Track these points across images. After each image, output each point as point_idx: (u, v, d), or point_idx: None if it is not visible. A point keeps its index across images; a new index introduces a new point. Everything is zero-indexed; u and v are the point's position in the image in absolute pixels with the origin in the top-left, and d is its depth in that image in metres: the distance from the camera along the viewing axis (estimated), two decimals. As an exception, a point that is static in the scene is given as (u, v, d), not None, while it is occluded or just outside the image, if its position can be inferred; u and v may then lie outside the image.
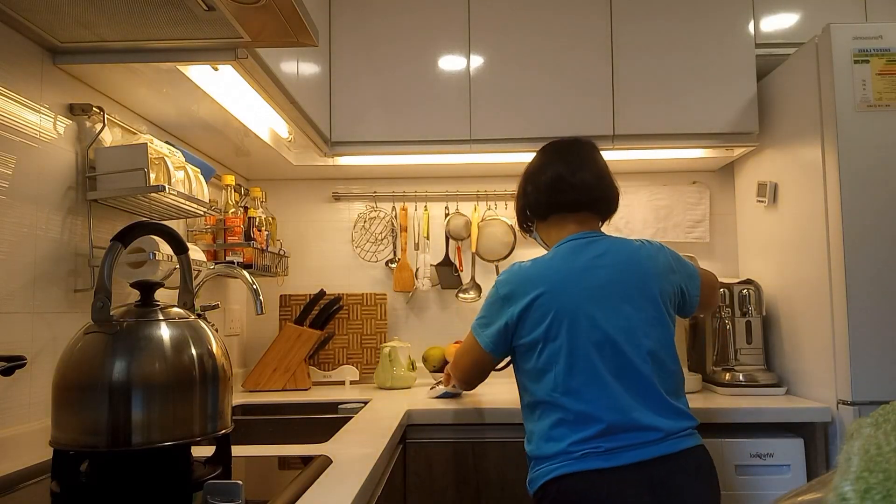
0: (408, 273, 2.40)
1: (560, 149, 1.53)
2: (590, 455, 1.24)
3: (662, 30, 2.10)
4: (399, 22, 2.13)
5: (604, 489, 1.22)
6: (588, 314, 1.30)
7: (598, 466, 1.23)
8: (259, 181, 2.46)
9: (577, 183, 1.45)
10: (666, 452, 1.25)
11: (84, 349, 0.92)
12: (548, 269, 1.36)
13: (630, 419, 1.25)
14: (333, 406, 1.87)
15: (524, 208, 1.54)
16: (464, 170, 2.37)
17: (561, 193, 1.45)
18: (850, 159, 1.68)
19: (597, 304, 1.31)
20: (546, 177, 1.47)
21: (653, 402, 1.28)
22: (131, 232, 0.98)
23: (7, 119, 1.18)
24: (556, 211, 1.47)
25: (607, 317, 1.30)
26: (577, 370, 1.29)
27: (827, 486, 0.36)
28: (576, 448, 1.26)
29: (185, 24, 1.16)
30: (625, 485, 1.22)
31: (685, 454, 1.27)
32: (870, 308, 1.64)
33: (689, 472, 1.26)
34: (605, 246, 1.39)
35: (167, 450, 0.92)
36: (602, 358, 1.28)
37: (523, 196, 1.54)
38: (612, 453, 1.24)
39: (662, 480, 1.23)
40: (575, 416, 1.28)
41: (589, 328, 1.29)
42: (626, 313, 1.31)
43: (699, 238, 2.37)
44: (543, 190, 1.47)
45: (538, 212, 1.50)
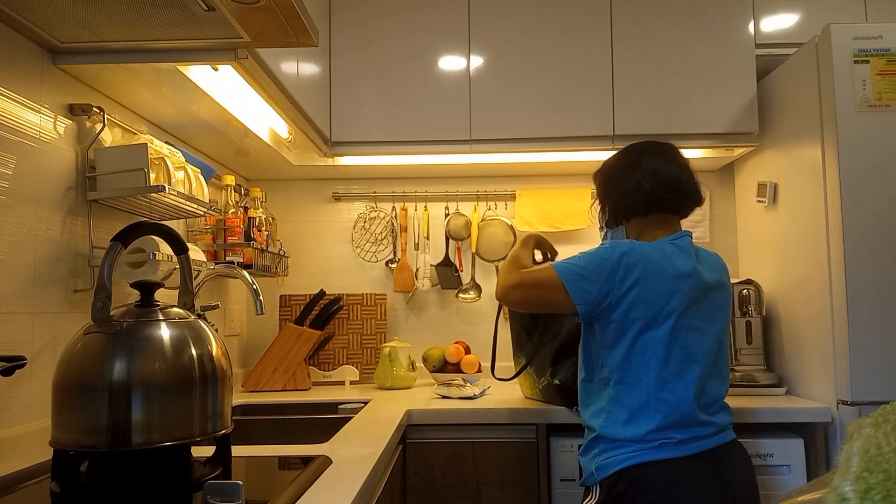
0: (408, 273, 2.41)
1: (669, 151, 1.51)
2: (664, 445, 1.32)
3: (662, 30, 2.10)
4: (399, 22, 2.13)
5: (678, 478, 1.30)
6: (694, 315, 1.38)
7: (671, 456, 1.31)
8: (259, 181, 2.46)
9: (692, 188, 1.49)
10: (718, 444, 1.35)
11: (84, 349, 0.92)
12: (671, 260, 1.37)
13: (696, 416, 1.35)
14: (333, 406, 1.86)
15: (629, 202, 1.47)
16: (464, 170, 2.37)
17: (680, 192, 1.46)
18: (850, 159, 1.68)
19: (702, 307, 1.39)
20: (665, 175, 1.45)
21: (713, 402, 1.39)
22: (131, 232, 0.98)
23: (7, 119, 1.18)
24: (664, 210, 1.46)
25: (706, 321, 1.39)
26: (672, 363, 1.35)
27: (827, 486, 0.36)
28: (653, 437, 1.32)
29: (185, 24, 1.16)
30: (695, 473, 1.31)
31: (731, 446, 1.39)
32: (870, 308, 1.64)
33: (739, 462, 1.37)
34: (703, 252, 1.48)
35: (167, 450, 0.92)
36: (693, 358, 1.36)
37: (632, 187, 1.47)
38: (683, 444, 1.33)
39: (721, 470, 1.33)
40: (657, 404, 1.34)
41: (692, 328, 1.37)
42: (716, 321, 1.42)
43: (699, 238, 2.37)
44: (667, 185, 1.45)
45: (645, 208, 1.46)
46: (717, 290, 1.43)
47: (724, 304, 1.45)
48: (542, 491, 1.68)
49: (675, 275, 1.36)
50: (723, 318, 1.44)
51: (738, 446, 1.41)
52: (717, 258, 1.50)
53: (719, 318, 1.43)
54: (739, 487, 1.33)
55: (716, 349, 1.41)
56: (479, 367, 2.24)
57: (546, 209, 2.37)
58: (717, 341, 1.41)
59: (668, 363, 1.35)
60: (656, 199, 1.45)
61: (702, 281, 1.39)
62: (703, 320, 1.39)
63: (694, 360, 1.36)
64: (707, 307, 1.40)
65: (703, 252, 1.49)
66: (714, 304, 1.42)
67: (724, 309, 1.45)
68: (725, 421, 1.40)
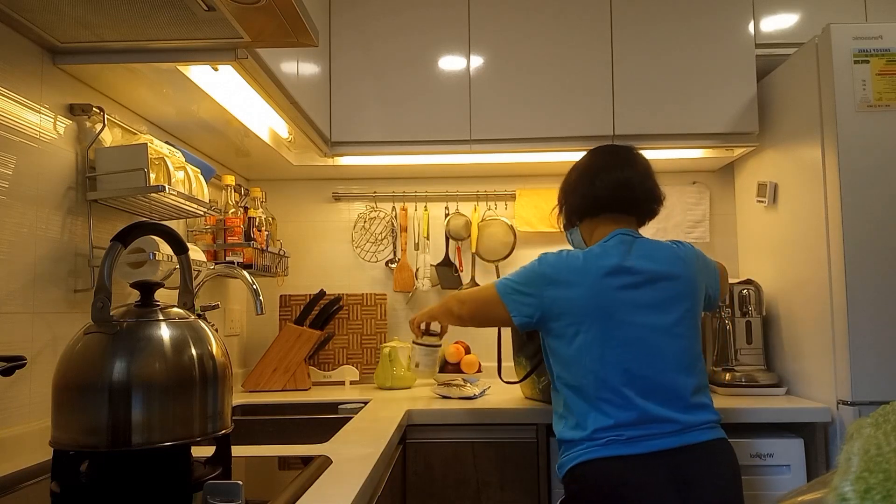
0: (408, 273, 2.41)
1: (621, 152, 1.56)
2: (612, 442, 1.32)
3: (662, 30, 2.10)
4: (399, 22, 2.13)
5: (626, 474, 1.29)
6: (628, 310, 1.38)
7: (619, 453, 1.31)
8: (259, 181, 2.46)
9: (644, 188, 1.51)
10: (684, 443, 1.32)
11: (84, 349, 0.92)
12: (595, 261, 1.41)
13: (651, 412, 1.33)
14: (333, 406, 1.86)
15: (583, 202, 1.54)
16: (464, 170, 2.37)
17: (629, 192, 1.50)
18: (850, 159, 1.68)
19: (634, 301, 1.38)
20: (620, 175, 1.50)
21: (674, 398, 1.36)
22: (131, 232, 0.98)
23: (7, 119, 1.18)
24: (612, 211, 1.51)
25: (646, 315, 1.38)
26: (608, 362, 1.36)
27: (827, 486, 0.36)
28: (600, 435, 1.33)
29: (185, 24, 1.16)
30: (646, 471, 1.29)
31: (704, 446, 1.34)
32: (870, 308, 1.64)
33: (708, 464, 1.32)
34: (647, 246, 1.46)
35: (167, 450, 0.92)
36: (631, 354, 1.36)
37: (586, 189, 1.53)
38: (633, 441, 1.31)
39: (681, 470, 1.30)
40: (601, 404, 1.35)
41: (627, 324, 1.37)
42: (664, 313, 1.39)
43: (699, 238, 2.37)
44: (614, 186, 1.50)
45: (594, 209, 1.52)
46: (664, 281, 1.40)
47: (677, 295, 1.41)
48: (542, 491, 1.68)
49: (600, 275, 1.39)
50: (676, 310, 1.40)
51: (714, 448, 1.35)
52: (669, 250, 1.46)
53: (669, 310, 1.39)
54: (705, 490, 1.28)
55: (669, 342, 1.37)
56: (479, 367, 2.23)
57: (546, 209, 2.37)
58: (670, 333, 1.38)
59: (605, 363, 1.35)
60: (604, 200, 1.50)
61: (633, 276, 1.39)
62: (642, 314, 1.37)
63: (635, 356, 1.35)
64: (646, 301, 1.38)
65: (649, 246, 1.45)
66: (661, 297, 1.39)
67: (679, 300, 1.41)
68: (698, 419, 1.35)
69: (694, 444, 1.33)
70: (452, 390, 1.90)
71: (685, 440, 1.32)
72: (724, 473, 1.33)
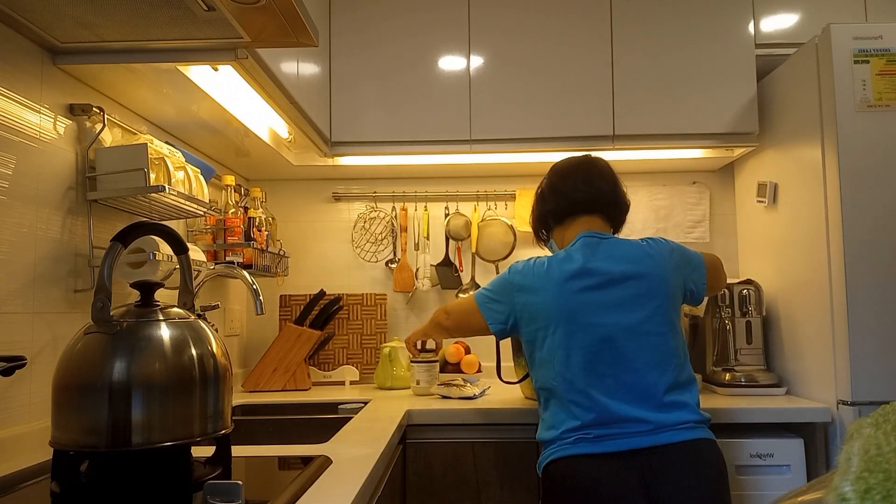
0: (408, 273, 2.41)
1: (575, 162, 1.62)
2: (581, 441, 1.35)
3: (662, 30, 2.10)
4: (399, 22, 2.13)
5: (594, 472, 1.31)
6: (591, 311, 1.40)
7: (588, 451, 1.33)
8: (259, 181, 2.46)
9: (594, 189, 1.54)
10: (656, 443, 1.32)
11: (84, 349, 0.92)
12: (559, 266, 1.45)
13: (620, 411, 1.34)
14: (333, 406, 1.86)
15: (542, 215, 1.61)
16: (464, 170, 2.37)
17: (579, 194, 1.54)
18: (850, 159, 1.68)
19: (601, 301, 1.40)
20: (565, 185, 1.56)
21: (645, 397, 1.35)
22: (131, 232, 0.98)
23: (7, 119, 1.18)
24: (573, 213, 1.55)
25: (610, 315, 1.39)
26: (573, 364, 1.38)
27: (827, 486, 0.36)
28: (569, 434, 1.36)
29: (185, 24, 1.16)
30: (614, 470, 1.30)
31: (678, 446, 1.32)
32: (870, 308, 1.64)
33: (680, 464, 1.30)
34: (613, 245, 1.47)
35: (167, 450, 0.92)
36: (599, 354, 1.37)
37: (541, 204, 1.61)
38: (600, 440, 1.33)
39: (652, 470, 1.30)
40: (570, 406, 1.38)
41: (591, 325, 1.39)
42: (630, 312, 1.39)
43: (699, 238, 2.37)
44: (562, 195, 1.56)
45: (555, 216, 1.58)
46: (630, 280, 1.41)
47: (645, 293, 1.40)
48: (542, 491, 1.68)
49: (562, 279, 1.42)
50: (644, 307, 1.39)
51: (690, 447, 1.32)
52: (637, 249, 1.46)
53: (636, 308, 1.39)
54: (677, 492, 1.27)
55: (639, 340, 1.37)
56: (479, 368, 2.23)
57: (546, 209, 2.37)
58: (639, 332, 1.37)
59: (570, 365, 1.37)
60: (560, 207, 1.56)
61: (595, 277, 1.41)
62: (607, 315, 1.38)
63: (601, 357, 1.36)
64: (611, 301, 1.39)
65: (616, 245, 1.46)
66: (627, 296, 1.40)
67: (647, 298, 1.40)
68: (672, 419, 1.33)
69: (667, 445, 1.31)
70: (452, 390, 1.90)
71: (657, 440, 1.31)
72: (698, 474, 1.30)
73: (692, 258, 1.54)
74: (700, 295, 1.55)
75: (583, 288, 1.41)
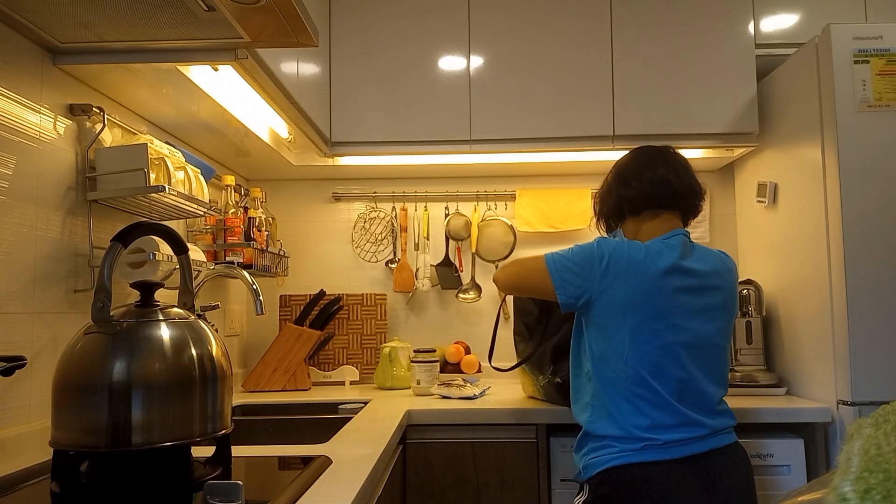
0: (408, 273, 2.40)
1: (662, 152, 1.54)
2: (649, 447, 1.32)
3: (662, 30, 2.10)
4: (399, 22, 2.13)
5: (660, 479, 1.30)
6: (680, 313, 1.37)
7: (656, 458, 1.31)
8: (259, 181, 2.46)
9: (683, 183, 1.49)
10: (711, 448, 1.34)
11: (84, 349, 0.92)
12: (657, 257, 1.38)
13: (685, 415, 1.34)
14: (333, 406, 1.86)
15: (622, 201, 1.51)
16: (464, 170, 2.37)
17: (667, 188, 1.48)
18: (850, 159, 1.68)
19: (686, 305, 1.38)
20: (655, 174, 1.49)
21: (704, 403, 1.37)
22: (131, 232, 0.98)
23: (7, 119, 1.18)
24: (656, 206, 1.49)
25: (694, 320, 1.38)
26: (647, 361, 1.35)
27: (827, 486, 0.36)
28: (637, 434, 1.33)
29: (185, 24, 1.16)
30: (677, 476, 1.31)
31: (727, 450, 1.37)
32: (870, 308, 1.64)
33: (731, 466, 1.35)
34: (701, 250, 1.45)
35: (167, 450, 0.92)
36: (675, 356, 1.36)
37: (622, 189, 1.51)
38: (669, 446, 1.32)
39: (710, 474, 1.32)
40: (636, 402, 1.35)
41: (676, 327, 1.36)
42: (710, 321, 1.39)
43: (699, 238, 2.37)
44: (649, 183, 1.48)
45: (637, 205, 1.50)
46: (715, 289, 1.40)
47: (721, 305, 1.41)
48: (542, 491, 1.68)
49: (658, 273, 1.36)
50: (719, 319, 1.41)
51: (735, 451, 1.38)
52: (720, 259, 1.46)
53: (714, 319, 1.39)
54: (731, 494, 1.32)
55: (708, 350, 1.38)
56: (479, 368, 2.24)
57: (546, 209, 2.37)
58: (710, 343, 1.38)
59: (645, 361, 1.34)
60: (643, 198, 1.48)
61: (690, 279, 1.38)
62: (691, 320, 1.37)
63: (676, 360, 1.35)
64: (697, 307, 1.38)
65: (703, 251, 1.45)
66: (707, 305, 1.39)
67: (721, 311, 1.41)
68: (722, 424, 1.38)
69: (718, 449, 1.35)
70: (452, 390, 1.90)
71: (712, 444, 1.35)
72: (745, 475, 1.37)
73: None
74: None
75: (677, 287, 1.37)
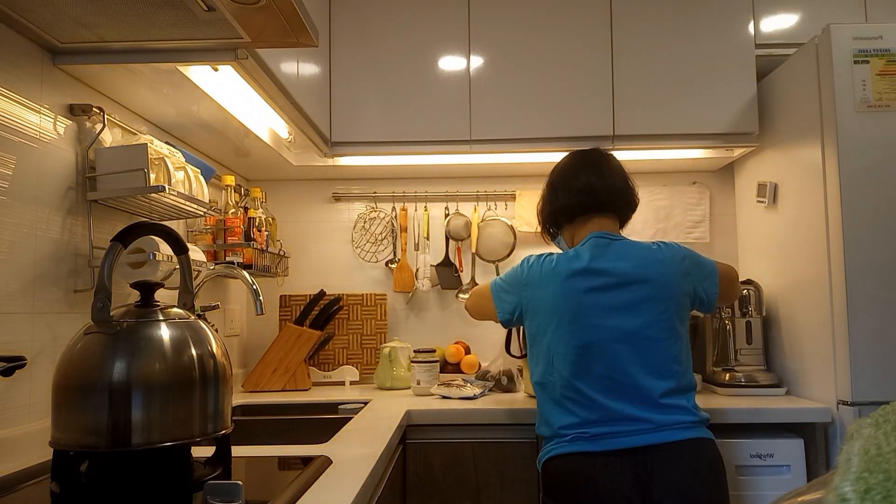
0: (408, 273, 2.40)
1: (588, 156, 1.60)
2: (578, 439, 1.36)
3: (662, 30, 2.10)
4: (399, 22, 2.13)
5: (588, 469, 1.33)
6: (594, 312, 1.40)
7: (584, 449, 1.35)
8: (259, 181, 2.46)
9: (607, 187, 1.53)
10: (652, 442, 1.32)
11: (84, 349, 0.92)
12: (566, 263, 1.45)
13: (617, 410, 1.35)
14: (333, 406, 1.86)
15: (554, 212, 1.60)
16: (464, 170, 2.37)
17: (592, 195, 1.53)
18: (850, 159, 1.68)
19: (600, 304, 1.41)
20: (579, 182, 1.55)
21: (645, 399, 1.36)
22: (131, 232, 0.98)
23: (7, 119, 1.18)
24: (584, 213, 1.55)
25: (612, 317, 1.40)
26: (570, 361, 1.40)
27: (827, 486, 0.36)
28: (566, 431, 1.38)
29: (185, 24, 1.16)
30: (609, 468, 1.32)
31: (673, 445, 1.33)
32: (870, 308, 1.64)
33: (674, 462, 1.31)
34: (623, 247, 1.47)
35: (167, 450, 0.92)
36: (598, 355, 1.39)
37: (553, 200, 1.59)
38: (598, 438, 1.35)
39: (648, 468, 1.31)
40: (564, 402, 1.40)
41: (592, 326, 1.40)
42: (632, 316, 1.40)
43: (699, 238, 2.37)
44: (575, 193, 1.55)
45: (567, 214, 1.57)
46: (636, 284, 1.41)
47: (647, 298, 1.40)
48: (542, 491, 1.68)
49: (567, 276, 1.43)
50: (647, 312, 1.39)
51: (686, 447, 1.32)
52: (646, 252, 1.45)
53: (640, 313, 1.39)
54: (668, 492, 1.28)
55: (639, 344, 1.38)
56: (479, 368, 2.24)
57: (546, 209, 2.37)
58: (640, 336, 1.38)
59: (569, 362, 1.39)
60: (572, 206, 1.55)
61: (601, 279, 1.41)
62: (611, 317, 1.39)
63: (599, 357, 1.37)
64: (615, 303, 1.40)
65: (626, 247, 1.46)
66: (629, 300, 1.40)
67: (652, 302, 1.40)
68: (672, 419, 1.34)
69: (663, 444, 1.32)
70: (452, 390, 1.90)
71: (654, 439, 1.32)
72: (694, 473, 1.30)
73: (705, 266, 1.53)
74: (711, 303, 1.53)
75: (588, 288, 1.41)
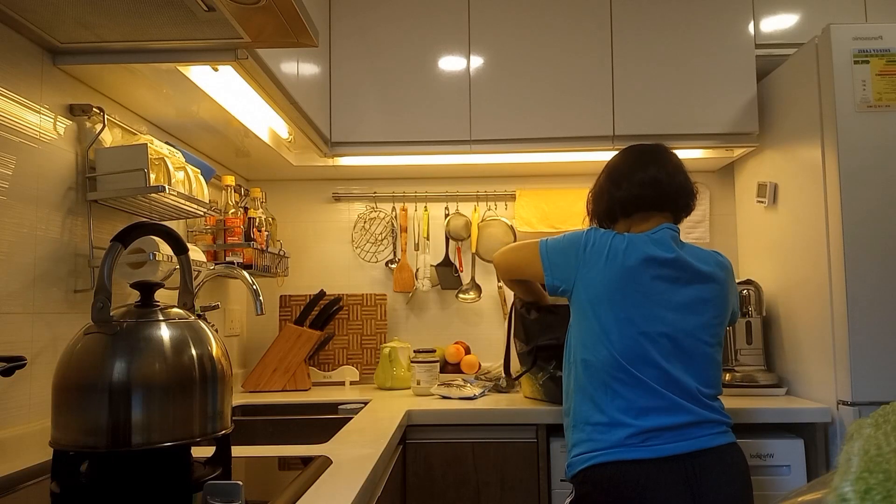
0: (408, 273, 2.40)
1: (653, 151, 1.55)
2: (630, 446, 1.32)
3: (662, 30, 2.10)
4: (399, 22, 2.13)
5: (642, 479, 1.29)
6: (658, 303, 1.37)
7: (637, 457, 1.30)
8: (259, 181, 2.46)
9: (673, 184, 1.49)
10: (699, 448, 1.32)
11: (84, 350, 0.92)
12: (638, 246, 1.40)
13: (670, 399, 1.33)
14: (333, 406, 1.86)
15: (613, 204, 1.52)
16: (463, 170, 2.37)
17: (657, 189, 1.48)
18: (850, 159, 1.68)
19: (667, 294, 1.38)
20: (645, 175, 1.49)
21: (694, 402, 1.36)
22: (131, 232, 0.98)
23: (7, 119, 1.18)
24: (645, 208, 1.49)
25: (673, 311, 1.37)
26: (626, 346, 1.35)
27: (827, 486, 0.36)
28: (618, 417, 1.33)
29: (185, 24, 1.16)
30: (662, 475, 1.29)
31: (719, 451, 1.34)
32: (870, 308, 1.64)
33: (721, 470, 1.33)
34: (694, 247, 1.47)
35: (167, 450, 0.92)
36: (651, 345, 1.35)
37: (613, 191, 1.52)
38: (650, 446, 1.31)
39: (696, 473, 1.30)
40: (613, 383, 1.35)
41: (653, 317, 1.36)
42: (691, 313, 1.39)
43: (699, 238, 2.37)
44: (639, 185, 1.48)
45: (627, 207, 1.50)
46: (703, 283, 1.40)
47: (708, 299, 1.41)
48: (542, 491, 1.68)
49: (637, 262, 1.38)
50: (703, 314, 1.40)
51: (728, 453, 1.36)
52: (712, 255, 1.48)
53: (697, 312, 1.39)
54: (717, 495, 1.29)
55: (689, 345, 1.37)
56: (479, 368, 2.24)
57: (546, 209, 2.37)
58: (691, 337, 1.37)
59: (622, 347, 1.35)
60: (634, 200, 1.49)
61: (671, 270, 1.39)
62: (670, 311, 1.37)
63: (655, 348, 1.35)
64: (678, 298, 1.38)
65: (695, 248, 1.47)
66: (691, 298, 1.39)
67: (707, 305, 1.40)
68: (713, 416, 1.37)
69: (709, 449, 1.33)
70: (452, 390, 1.90)
71: (701, 444, 1.32)
72: (736, 478, 1.33)
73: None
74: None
75: (657, 276, 1.38)
